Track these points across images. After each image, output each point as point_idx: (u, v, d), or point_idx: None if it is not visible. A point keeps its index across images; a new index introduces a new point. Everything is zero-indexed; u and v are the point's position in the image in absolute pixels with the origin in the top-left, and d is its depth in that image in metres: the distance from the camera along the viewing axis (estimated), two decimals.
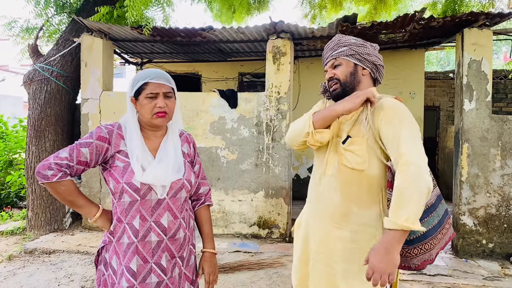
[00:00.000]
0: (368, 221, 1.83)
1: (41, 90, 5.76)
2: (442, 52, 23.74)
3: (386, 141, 1.76)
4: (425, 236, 1.77)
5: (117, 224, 1.77)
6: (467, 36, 4.92)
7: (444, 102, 9.99)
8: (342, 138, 1.87)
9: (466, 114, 4.93)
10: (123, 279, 1.73)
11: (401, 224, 1.59)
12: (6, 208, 7.01)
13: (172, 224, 1.78)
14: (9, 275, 4.27)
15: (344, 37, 1.94)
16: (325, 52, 1.98)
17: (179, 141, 1.90)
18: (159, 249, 1.76)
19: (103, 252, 1.84)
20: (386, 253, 1.62)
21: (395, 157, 1.70)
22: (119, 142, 1.78)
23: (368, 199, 1.83)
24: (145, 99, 1.76)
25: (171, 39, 6.06)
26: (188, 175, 1.84)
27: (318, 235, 1.94)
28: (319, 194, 1.95)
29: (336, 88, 1.90)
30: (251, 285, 4.01)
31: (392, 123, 1.74)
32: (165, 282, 1.77)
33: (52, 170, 1.67)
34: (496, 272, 4.44)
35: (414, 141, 1.69)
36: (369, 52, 1.90)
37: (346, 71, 1.89)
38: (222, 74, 8.64)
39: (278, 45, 5.50)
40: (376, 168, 1.82)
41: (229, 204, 5.64)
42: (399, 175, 1.65)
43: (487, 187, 4.91)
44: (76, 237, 5.51)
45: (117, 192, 1.73)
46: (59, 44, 5.99)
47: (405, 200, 1.61)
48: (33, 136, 5.74)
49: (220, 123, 5.66)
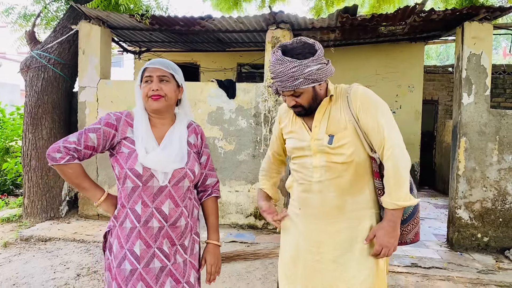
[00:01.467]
0: (362, 205, 1.90)
1: (38, 78, 5.72)
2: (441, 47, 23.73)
3: (366, 129, 1.84)
4: (413, 212, 1.90)
5: (121, 209, 1.81)
6: (467, 30, 4.90)
7: (442, 96, 9.99)
8: (322, 139, 1.87)
9: (464, 108, 4.93)
10: (125, 262, 1.75)
11: (402, 204, 1.78)
12: (2, 195, 6.99)
13: (173, 212, 1.80)
14: (5, 262, 4.27)
15: (294, 67, 1.75)
16: (278, 80, 1.81)
17: (185, 132, 1.92)
18: (160, 235, 1.78)
19: (109, 237, 1.87)
20: (392, 230, 1.81)
21: (379, 143, 1.81)
22: (126, 129, 1.83)
23: (359, 185, 1.89)
24: (143, 83, 1.85)
25: (169, 28, 6.02)
26: (192, 165, 1.86)
27: (315, 238, 1.93)
28: (310, 199, 1.95)
29: (301, 111, 1.91)
30: (247, 275, 4.03)
31: (370, 111, 1.83)
32: (169, 267, 1.79)
33: (61, 153, 1.75)
34: (491, 265, 4.47)
35: (392, 125, 1.82)
36: (324, 74, 1.80)
37: (309, 97, 1.85)
38: (221, 65, 8.61)
39: (277, 36, 5.47)
40: (362, 154, 1.87)
41: (226, 194, 5.65)
42: (388, 160, 1.78)
43: (484, 181, 4.92)
44: (72, 225, 5.51)
45: (121, 178, 1.77)
46: (56, 31, 5.94)
47: (400, 180, 1.77)
48: (30, 124, 5.71)
49: (218, 114, 5.64)
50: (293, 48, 1.82)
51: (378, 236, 1.82)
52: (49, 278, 3.86)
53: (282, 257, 2.10)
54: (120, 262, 1.75)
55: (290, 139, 2.03)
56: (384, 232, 1.81)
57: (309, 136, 1.92)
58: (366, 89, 1.89)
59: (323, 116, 1.90)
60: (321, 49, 1.82)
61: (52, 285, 3.72)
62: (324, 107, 1.90)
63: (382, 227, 1.82)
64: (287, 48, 1.83)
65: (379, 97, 1.88)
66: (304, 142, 1.94)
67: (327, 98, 1.89)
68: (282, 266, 2.09)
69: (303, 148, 1.95)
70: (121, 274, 1.74)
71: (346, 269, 1.87)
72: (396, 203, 1.77)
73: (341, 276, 1.88)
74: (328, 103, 1.90)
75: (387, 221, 1.81)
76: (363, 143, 1.86)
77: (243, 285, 3.79)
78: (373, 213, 1.91)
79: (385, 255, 1.82)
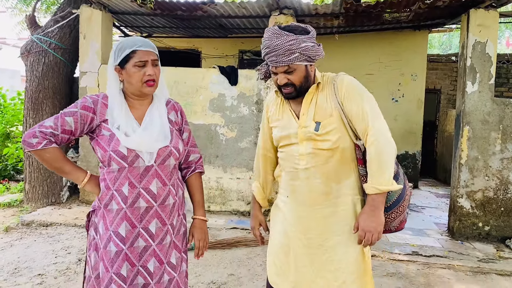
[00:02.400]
0: (347, 190, 1.93)
1: (38, 62, 5.68)
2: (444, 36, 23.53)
3: (350, 116, 1.87)
4: (398, 200, 1.91)
5: (105, 191, 1.79)
6: (473, 17, 4.84)
7: (445, 85, 9.92)
8: (309, 126, 1.90)
9: (468, 96, 4.89)
10: (111, 244, 1.75)
11: (383, 188, 1.80)
12: (3, 180, 6.99)
13: (161, 191, 1.81)
14: (6, 246, 4.28)
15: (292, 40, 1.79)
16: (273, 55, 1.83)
17: (165, 109, 1.91)
18: (147, 215, 1.78)
19: (93, 217, 1.87)
20: (373, 214, 1.82)
21: (363, 130, 1.84)
22: (104, 112, 1.80)
23: (345, 171, 1.92)
24: (134, 67, 1.77)
25: (171, 13, 5.96)
26: (176, 143, 1.85)
27: (304, 224, 1.96)
28: (297, 186, 1.97)
29: (291, 92, 1.90)
30: (248, 261, 4.04)
31: (354, 98, 1.86)
32: (153, 247, 1.80)
33: (37, 138, 1.71)
34: (491, 254, 4.48)
35: (376, 112, 1.86)
36: (317, 53, 1.86)
37: (301, 76, 1.87)
38: (222, 51, 8.54)
39: (280, 22, 5.40)
40: (347, 141, 1.90)
41: (227, 181, 5.64)
42: (372, 145, 1.81)
43: (486, 170, 4.90)
44: (73, 211, 5.51)
45: (105, 160, 1.76)
46: (57, 15, 5.88)
47: (382, 165, 1.80)
48: (31, 109, 5.68)
49: (219, 100, 5.61)
50: (288, 25, 1.88)
51: (360, 222, 1.84)
52: (50, 263, 3.87)
53: (271, 245, 2.11)
54: (105, 243, 1.76)
55: (277, 127, 2.05)
56: (365, 217, 1.83)
57: (296, 124, 1.95)
58: (352, 78, 1.93)
59: (310, 104, 1.93)
60: (314, 31, 1.88)
61: (53, 269, 3.73)
62: (311, 94, 1.93)
63: (363, 212, 1.85)
64: (282, 26, 1.88)
65: (363, 86, 1.92)
66: (291, 129, 1.96)
67: (314, 86, 1.92)
68: (271, 254, 2.11)
69: (289, 136, 1.97)
70: (107, 255, 1.76)
71: (335, 253, 1.91)
72: (377, 187, 1.80)
73: (330, 259, 1.91)
74: (315, 90, 1.93)
75: (368, 205, 1.84)
76: (347, 130, 1.89)
77: (244, 271, 3.80)
78: (358, 199, 1.94)
79: (369, 242, 1.82)
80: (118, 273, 1.74)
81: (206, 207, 5.64)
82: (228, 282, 3.56)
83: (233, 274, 3.73)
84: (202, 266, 3.84)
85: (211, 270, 3.79)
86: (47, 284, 3.44)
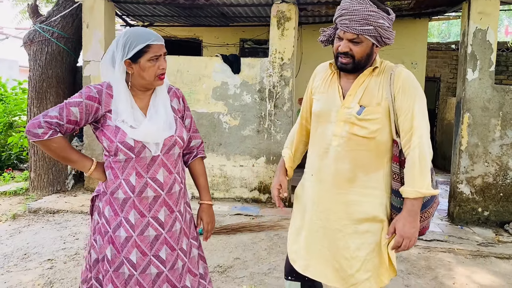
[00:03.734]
0: (374, 183, 1.87)
1: (41, 51, 5.70)
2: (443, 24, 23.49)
3: (399, 111, 1.81)
4: (425, 205, 1.85)
5: (112, 179, 1.80)
6: (473, 5, 4.88)
7: (445, 73, 9.97)
8: (352, 108, 1.84)
9: (468, 83, 4.95)
10: (121, 229, 1.78)
11: (424, 192, 1.75)
12: (7, 169, 7.05)
13: (168, 179, 1.82)
14: (15, 232, 4.35)
15: (373, 11, 1.75)
16: (347, 18, 1.78)
17: (168, 98, 1.89)
18: (156, 204, 1.80)
19: (97, 201, 1.88)
20: (413, 220, 1.77)
21: (407, 129, 1.79)
22: (109, 101, 1.78)
23: (375, 163, 1.87)
24: (148, 61, 1.75)
25: (173, 1, 5.97)
26: (180, 132, 1.86)
27: (325, 205, 1.93)
28: (323, 166, 1.93)
29: (348, 63, 1.83)
30: (253, 246, 4.12)
31: (408, 94, 1.80)
32: (163, 236, 1.82)
33: (42, 128, 1.68)
34: (490, 238, 4.57)
35: (424, 114, 1.81)
36: (389, 36, 1.82)
37: (364, 51, 1.81)
38: (223, 40, 8.55)
39: (283, 10, 5.43)
40: (386, 134, 1.85)
41: (231, 169, 5.71)
42: (416, 148, 1.76)
43: (486, 156, 4.98)
44: (78, 198, 5.59)
45: (112, 151, 1.75)
46: (59, 4, 5.89)
47: (424, 169, 1.76)
48: (35, 98, 5.72)
49: (222, 89, 5.66)
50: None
51: (399, 227, 1.78)
52: (59, 248, 3.94)
53: (292, 222, 2.13)
54: (115, 229, 1.78)
55: (319, 101, 1.98)
56: (404, 222, 1.77)
57: (340, 102, 1.89)
58: (410, 73, 1.86)
59: (360, 86, 1.86)
60: (394, 15, 1.84)
61: (62, 254, 3.80)
62: (365, 76, 1.86)
63: (402, 217, 1.78)
64: None
65: (419, 85, 1.86)
66: (332, 106, 1.90)
67: (370, 69, 1.86)
68: (292, 233, 2.12)
69: (329, 112, 1.91)
70: (117, 240, 1.78)
71: (352, 241, 1.88)
72: (419, 191, 1.74)
73: (347, 246, 1.88)
74: (370, 73, 1.87)
75: (408, 211, 1.77)
76: (391, 124, 1.84)
77: (249, 255, 3.88)
78: (384, 196, 1.89)
79: (406, 247, 1.79)
80: (128, 258, 1.77)
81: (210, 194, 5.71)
82: (234, 266, 3.65)
83: (238, 258, 3.82)
84: (208, 250, 3.92)
85: (216, 254, 3.88)
86: (57, 268, 3.51)
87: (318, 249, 1.96)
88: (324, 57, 2.06)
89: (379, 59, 1.90)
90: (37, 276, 3.35)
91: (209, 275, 2.09)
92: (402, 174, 1.84)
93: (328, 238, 1.92)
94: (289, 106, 5.56)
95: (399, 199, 1.84)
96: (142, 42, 1.72)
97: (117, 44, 1.76)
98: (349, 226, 1.88)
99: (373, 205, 1.87)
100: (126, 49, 1.73)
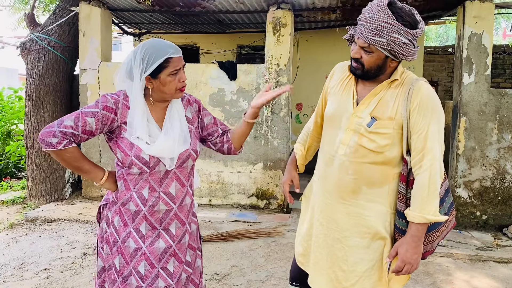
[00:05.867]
0: (378, 199, 1.83)
1: (38, 60, 5.71)
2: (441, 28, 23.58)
3: (412, 128, 1.74)
4: (429, 229, 1.78)
5: (124, 190, 1.78)
6: (468, 9, 4.90)
7: (442, 77, 9.97)
8: (363, 119, 1.78)
9: (465, 87, 4.95)
10: (130, 240, 1.77)
11: (430, 218, 1.70)
12: (5, 178, 7.04)
13: (180, 192, 1.82)
14: (12, 242, 4.34)
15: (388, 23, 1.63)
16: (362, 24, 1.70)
17: (182, 108, 1.87)
18: (168, 217, 1.80)
19: (105, 210, 1.87)
20: (417, 245, 1.73)
21: (419, 149, 1.72)
22: (125, 113, 1.75)
23: (380, 178, 1.81)
24: (169, 76, 1.71)
25: (170, 9, 5.99)
26: (194, 145, 1.85)
27: (327, 212, 1.91)
28: (328, 173, 1.90)
29: (358, 69, 1.78)
30: (250, 252, 4.11)
31: (425, 113, 1.72)
32: (173, 248, 1.81)
33: (57, 138, 1.65)
34: (489, 242, 4.56)
35: (440, 137, 1.73)
36: (404, 53, 1.69)
37: (374, 62, 1.73)
38: (220, 46, 8.56)
39: (278, 16, 5.45)
40: (396, 151, 1.79)
41: (228, 175, 5.70)
42: (427, 171, 1.70)
43: (483, 160, 4.98)
44: (76, 207, 5.57)
45: (126, 163, 1.73)
46: (56, 13, 5.91)
47: (432, 194, 1.70)
48: (32, 107, 5.72)
49: (219, 95, 5.66)
50: (399, 8, 1.69)
51: (401, 252, 1.73)
52: (56, 257, 3.93)
53: (300, 225, 2.11)
54: (124, 239, 1.78)
55: (333, 102, 1.93)
56: (407, 248, 1.72)
57: (352, 109, 1.82)
58: (430, 90, 1.76)
59: (375, 96, 1.79)
60: (422, 30, 1.71)
61: (59, 264, 3.79)
62: (382, 87, 1.79)
63: (405, 242, 1.73)
64: (395, 4, 1.70)
65: (439, 102, 1.76)
66: (344, 112, 1.85)
67: (389, 80, 1.78)
68: (299, 234, 2.10)
69: (340, 118, 1.86)
70: (126, 250, 1.77)
71: (351, 254, 1.84)
72: (425, 217, 1.69)
73: (345, 258, 1.85)
74: (388, 85, 1.79)
75: (411, 236, 1.72)
76: (403, 141, 1.76)
77: (246, 263, 3.87)
78: (388, 212, 1.83)
79: (407, 272, 1.75)
80: (136, 269, 1.77)
81: (207, 201, 5.71)
82: (231, 273, 3.63)
83: (236, 265, 3.80)
84: (205, 258, 3.91)
85: (214, 262, 3.86)
86: (54, 278, 3.50)
87: (317, 256, 1.94)
88: (321, 63, 2.06)
89: (401, 70, 1.81)
90: (33, 286, 3.34)
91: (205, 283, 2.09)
92: (408, 194, 1.78)
93: (328, 247, 1.90)
94: (286, 112, 5.56)
95: (403, 221, 1.79)
96: (161, 56, 1.67)
97: (134, 57, 1.70)
98: (350, 239, 1.85)
99: (376, 221, 1.82)
100: (144, 65, 1.67)
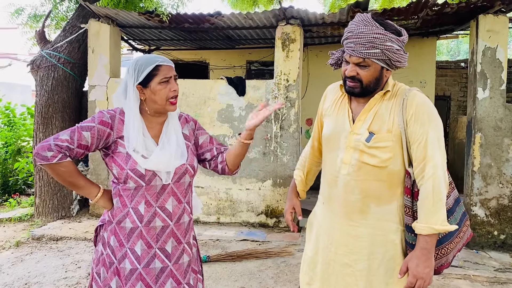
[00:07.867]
0: (386, 215, 1.76)
1: (48, 77, 5.73)
2: (452, 42, 23.45)
3: (411, 138, 1.70)
4: (441, 241, 1.72)
5: (120, 207, 1.76)
6: (482, 23, 4.80)
7: (455, 91, 9.82)
8: (361, 135, 1.74)
9: (479, 102, 4.82)
10: (126, 261, 1.73)
11: (438, 229, 1.63)
12: (14, 195, 7.03)
13: (176, 209, 1.79)
14: (17, 261, 4.28)
15: (379, 33, 1.65)
16: (353, 42, 1.69)
17: (179, 125, 1.88)
18: (164, 234, 1.76)
19: (101, 231, 1.84)
20: (427, 258, 1.65)
21: (420, 158, 1.68)
22: (121, 128, 1.76)
23: (388, 194, 1.75)
24: (159, 84, 1.73)
25: (179, 26, 5.99)
26: (191, 160, 1.84)
27: (335, 236, 1.83)
28: (333, 195, 1.84)
29: (356, 87, 1.73)
30: (259, 274, 3.98)
31: (422, 121, 1.69)
32: (169, 268, 1.77)
33: (52, 152, 1.65)
34: (508, 263, 4.37)
35: (439, 142, 1.69)
36: (399, 59, 1.71)
37: (372, 75, 1.70)
38: (230, 62, 8.55)
39: (287, 32, 5.40)
40: (399, 164, 1.73)
41: (237, 192, 5.60)
42: (429, 180, 1.65)
43: (500, 177, 4.81)
44: (83, 224, 5.51)
45: (122, 178, 1.72)
46: (66, 30, 5.94)
47: (438, 203, 1.64)
48: (41, 123, 5.72)
49: (227, 111, 5.60)
50: (381, 19, 1.72)
51: (411, 266, 1.65)
52: (60, 277, 3.85)
53: (305, 253, 2.03)
54: (120, 260, 1.74)
55: (329, 123, 1.89)
56: (417, 262, 1.64)
57: (349, 128, 1.79)
58: (425, 98, 1.74)
59: (370, 111, 1.76)
60: (407, 36, 1.73)
61: (63, 284, 3.71)
62: (376, 101, 1.76)
63: (415, 256, 1.65)
64: (377, 17, 1.72)
65: (435, 109, 1.74)
66: (341, 131, 1.81)
67: (381, 93, 1.76)
68: (304, 263, 2.02)
69: (338, 138, 1.82)
70: (122, 271, 1.74)
71: (361, 278, 1.76)
72: (433, 227, 1.62)
73: (355, 283, 1.77)
74: (381, 97, 1.77)
75: (421, 249, 1.64)
76: (403, 153, 1.72)
77: (255, 284, 3.74)
78: (399, 229, 1.75)
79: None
80: None
81: (216, 219, 5.61)
82: None
83: (244, 287, 3.68)
84: (212, 279, 3.80)
85: (221, 283, 3.75)
86: None
87: (324, 284, 1.86)
88: (331, 78, 2.00)
89: (392, 82, 1.80)
90: None
91: None
92: (414, 207, 1.71)
93: (335, 273, 1.82)
94: (295, 128, 5.47)
95: (411, 235, 1.71)
96: (150, 64, 1.73)
97: (128, 72, 1.77)
98: (360, 262, 1.77)
99: (387, 241, 1.75)
100: (136, 74, 1.73)
